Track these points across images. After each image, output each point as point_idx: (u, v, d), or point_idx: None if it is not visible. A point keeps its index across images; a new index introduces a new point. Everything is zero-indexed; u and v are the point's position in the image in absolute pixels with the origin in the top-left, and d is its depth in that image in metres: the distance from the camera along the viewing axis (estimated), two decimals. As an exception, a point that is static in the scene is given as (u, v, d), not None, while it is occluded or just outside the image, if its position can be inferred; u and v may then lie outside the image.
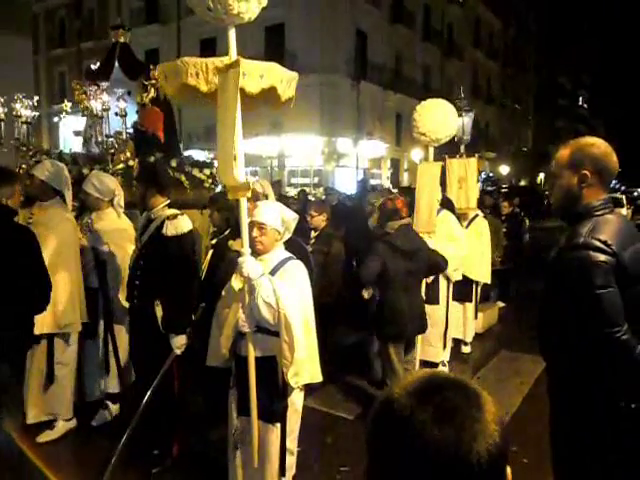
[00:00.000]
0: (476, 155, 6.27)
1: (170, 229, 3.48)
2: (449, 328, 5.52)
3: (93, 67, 7.85)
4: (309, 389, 4.83)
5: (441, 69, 32.08)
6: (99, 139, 6.82)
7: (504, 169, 37.36)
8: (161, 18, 26.96)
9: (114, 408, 4.30)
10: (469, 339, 6.28)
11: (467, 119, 7.79)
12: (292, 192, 19.88)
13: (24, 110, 6.96)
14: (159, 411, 3.52)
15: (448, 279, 5.44)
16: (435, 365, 5.46)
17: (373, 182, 24.10)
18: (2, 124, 7.06)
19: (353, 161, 23.43)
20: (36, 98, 6.86)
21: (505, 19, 40.04)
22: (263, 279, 2.67)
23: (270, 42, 23.01)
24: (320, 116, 22.78)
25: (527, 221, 9.34)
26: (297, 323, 2.71)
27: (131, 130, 6.48)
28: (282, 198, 10.35)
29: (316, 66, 22.01)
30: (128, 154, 5.76)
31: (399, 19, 26.75)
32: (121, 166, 5.92)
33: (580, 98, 64.40)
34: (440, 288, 5.39)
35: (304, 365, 2.82)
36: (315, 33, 22.14)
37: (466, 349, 6.25)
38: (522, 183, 39.74)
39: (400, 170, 29.28)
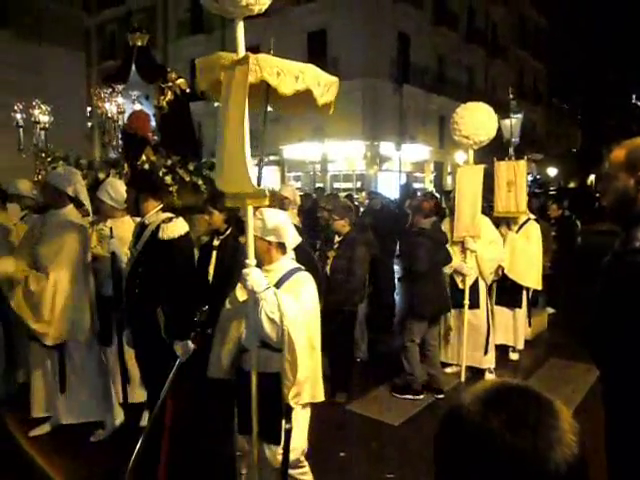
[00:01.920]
0: (525, 157, 6.12)
1: (166, 233, 3.36)
2: (491, 334, 5.43)
3: (110, 71, 7.85)
4: (351, 394, 4.85)
5: (485, 70, 31.51)
6: (114, 143, 6.75)
7: (552, 171, 36.30)
8: (205, 28, 27.58)
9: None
10: (519, 346, 6.12)
11: (516, 121, 7.64)
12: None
13: (42, 116, 7.08)
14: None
15: (485, 282, 5.46)
16: (481, 372, 5.37)
17: (416, 186, 23.92)
18: (21, 131, 7.24)
19: (396, 165, 23.28)
20: (89, 109, 7.04)
21: (550, 17, 38.97)
22: (268, 292, 2.53)
23: (312, 48, 23.17)
24: (363, 120, 22.76)
25: (578, 224, 9.04)
26: (301, 341, 2.58)
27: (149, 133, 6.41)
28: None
29: (358, 71, 22.03)
30: (144, 158, 5.65)
31: (442, 21, 26.46)
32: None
33: (633, 96, 61.93)
34: (480, 291, 5.37)
35: (306, 385, 2.72)
36: (357, 38, 22.15)
37: (514, 356, 6.09)
38: (571, 185, 38.51)
39: (443, 173, 28.90)
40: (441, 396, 4.92)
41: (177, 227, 3.40)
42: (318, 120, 22.28)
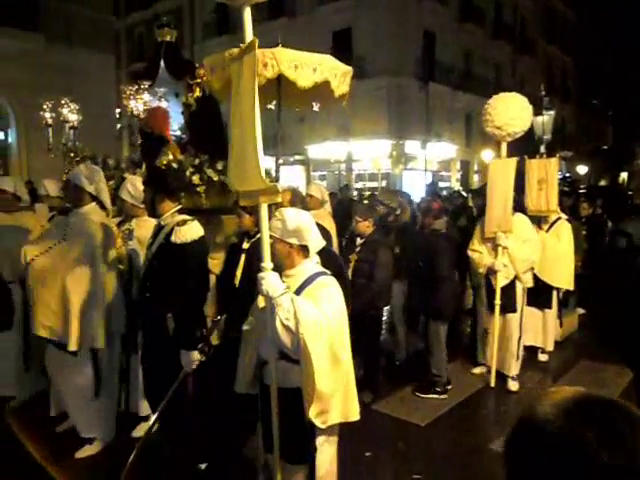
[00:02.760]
0: (557, 155, 6.02)
1: (179, 236, 3.23)
2: (521, 338, 5.28)
3: (137, 68, 7.72)
4: (376, 395, 4.82)
5: (513, 66, 31.01)
6: (138, 142, 6.54)
7: (582, 169, 35.51)
8: (231, 29, 27.80)
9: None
10: (549, 348, 6.02)
11: (548, 117, 7.50)
12: (364, 200, 19.90)
13: (71, 115, 7.04)
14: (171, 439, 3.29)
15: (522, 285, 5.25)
16: (504, 377, 5.23)
17: (442, 184, 23.68)
18: (50, 130, 7.26)
19: (421, 164, 23.09)
20: (118, 110, 7.07)
21: (578, 9, 38.07)
22: (284, 298, 2.33)
23: (337, 47, 23.08)
24: (388, 119, 22.64)
25: (609, 223, 8.82)
26: (321, 351, 2.33)
27: (177, 132, 6.27)
28: (352, 202, 10.34)
29: (383, 69, 21.93)
30: (170, 156, 5.55)
31: (468, 17, 26.12)
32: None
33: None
34: (517, 294, 5.17)
35: (332, 401, 2.44)
36: (382, 36, 22.03)
37: (543, 357, 5.98)
38: (602, 183, 37.62)
39: (470, 172, 28.55)
40: (444, 396, 4.90)
41: (191, 231, 3.27)
42: (343, 119, 22.25)
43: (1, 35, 16.10)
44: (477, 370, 5.50)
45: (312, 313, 2.33)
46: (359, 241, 4.92)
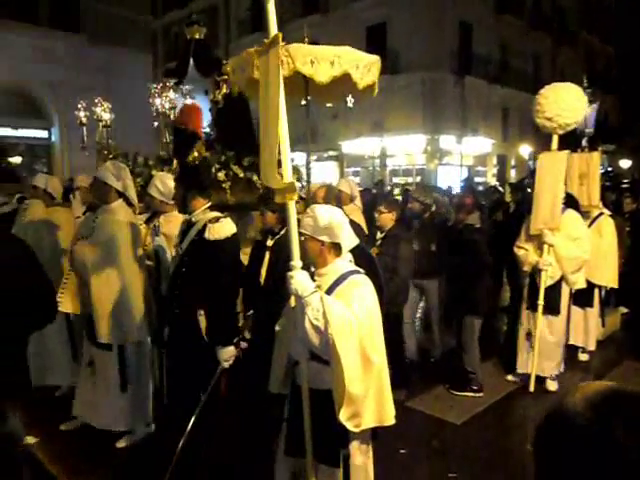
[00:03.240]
0: (599, 149, 5.83)
1: (213, 233, 3.21)
2: (565, 343, 5.10)
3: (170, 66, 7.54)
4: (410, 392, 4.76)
5: (552, 58, 30.19)
6: (163, 139, 6.64)
7: (625, 163, 34.33)
8: (265, 26, 27.95)
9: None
10: (591, 347, 5.85)
11: (590, 110, 7.28)
12: (395, 192, 19.72)
13: (104, 113, 7.14)
14: (201, 434, 3.18)
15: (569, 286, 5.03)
16: (543, 379, 5.02)
17: (478, 179, 23.29)
18: (85, 129, 7.41)
19: (457, 159, 22.75)
20: (154, 108, 7.17)
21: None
22: (313, 297, 2.28)
23: (371, 42, 22.92)
24: (422, 114, 22.37)
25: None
26: (349, 353, 2.26)
27: (207, 129, 6.26)
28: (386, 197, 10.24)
29: (418, 63, 21.66)
30: (196, 154, 5.55)
31: (506, 8, 25.53)
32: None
33: None
34: (562, 296, 4.97)
35: (364, 404, 2.36)
36: (417, 30, 21.76)
37: (584, 357, 5.83)
38: (646, 177, 36.27)
39: (507, 167, 27.97)
40: (480, 394, 4.79)
41: (224, 228, 3.25)
42: (377, 115, 22.11)
43: (47, 37, 16.62)
44: (511, 377, 5.22)
45: (342, 313, 2.27)
46: (379, 235, 4.80)
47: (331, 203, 4.27)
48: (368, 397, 2.37)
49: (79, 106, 7.45)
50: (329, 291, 2.42)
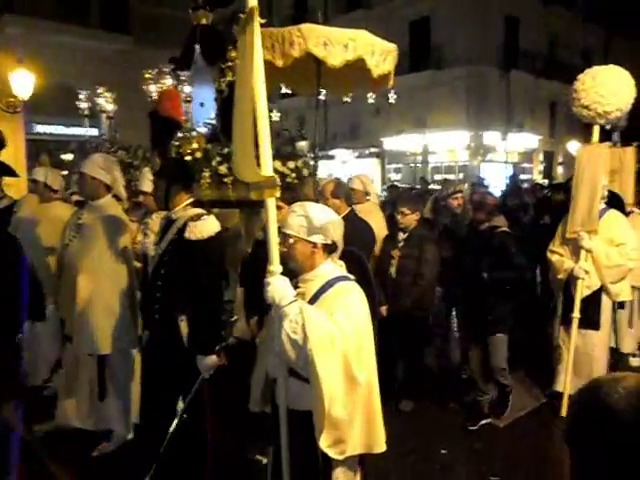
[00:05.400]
0: (634, 144, 5.39)
1: (194, 232, 2.95)
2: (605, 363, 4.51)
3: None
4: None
5: (604, 51, 29.06)
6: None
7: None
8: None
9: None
10: (626, 350, 5.38)
11: None
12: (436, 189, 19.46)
13: (107, 104, 6.85)
14: (187, 449, 3.01)
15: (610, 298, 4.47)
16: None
17: (523, 177, 22.71)
18: (87, 120, 7.16)
19: (501, 155, 22.25)
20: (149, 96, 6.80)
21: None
22: (292, 307, 2.02)
23: (415, 37, 22.69)
24: (466, 109, 21.96)
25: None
26: (331, 372, 1.99)
27: (209, 120, 5.89)
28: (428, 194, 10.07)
29: (463, 58, 21.27)
30: (195, 145, 5.23)
31: (554, 0, 24.76)
32: (188, 159, 5.25)
33: None
34: (603, 309, 4.42)
35: (349, 430, 2.08)
36: (461, 24, 21.35)
37: (636, 361, 5.43)
38: None
39: (554, 164, 27.15)
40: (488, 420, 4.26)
41: (207, 226, 2.99)
42: (420, 111, 21.84)
43: (96, 38, 17.17)
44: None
45: (324, 326, 2.01)
46: (402, 236, 4.47)
47: (340, 199, 4.16)
48: (354, 422, 2.10)
49: (80, 97, 7.11)
50: (313, 299, 2.16)
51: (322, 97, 5.98)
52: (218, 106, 5.77)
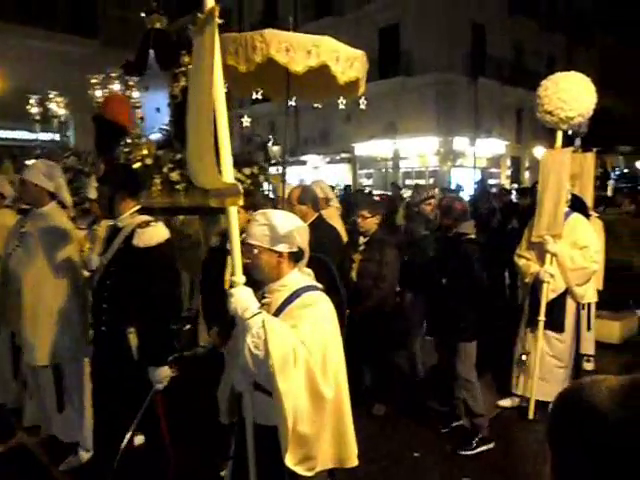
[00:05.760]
0: (593, 150, 5.52)
1: (143, 239, 2.86)
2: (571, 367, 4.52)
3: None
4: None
5: (567, 59, 29.92)
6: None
7: (642, 164, 33.92)
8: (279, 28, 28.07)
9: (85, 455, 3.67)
10: (591, 351, 5.46)
11: None
12: (407, 194, 19.64)
13: (59, 109, 6.55)
14: (147, 466, 2.92)
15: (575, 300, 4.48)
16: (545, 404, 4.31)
17: (492, 182, 23.14)
18: (38, 126, 6.88)
19: (470, 160, 22.64)
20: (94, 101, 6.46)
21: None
22: (255, 320, 1.92)
23: (384, 44, 22.97)
24: (436, 116, 22.30)
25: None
26: (295, 388, 1.91)
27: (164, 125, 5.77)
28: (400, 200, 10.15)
29: (431, 65, 21.61)
30: (145, 152, 5.11)
31: (519, 9, 25.37)
32: (138, 165, 5.16)
33: None
34: (567, 312, 4.44)
35: (317, 446, 2.01)
36: (430, 31, 21.71)
37: (589, 365, 5.45)
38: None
39: (521, 169, 27.77)
40: (491, 445, 3.99)
41: (155, 233, 2.91)
42: (390, 116, 22.08)
43: (63, 41, 16.86)
44: (506, 402, 4.66)
45: (287, 341, 1.92)
46: (362, 240, 4.45)
47: (307, 205, 4.13)
48: (322, 437, 2.02)
49: (31, 101, 6.85)
50: (279, 310, 2.09)
51: (293, 103, 6.00)
52: (171, 112, 5.70)
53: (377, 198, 10.74)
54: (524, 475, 3.64)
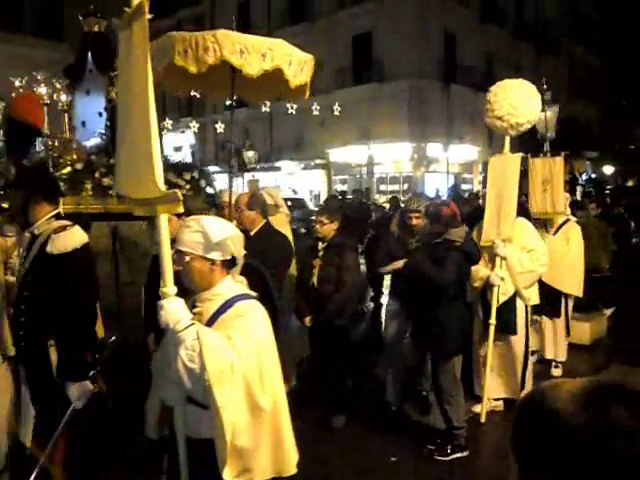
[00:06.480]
0: (562, 154, 5.48)
1: (57, 245, 2.67)
2: (528, 367, 4.57)
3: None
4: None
5: (536, 67, 30.62)
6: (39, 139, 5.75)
7: (608, 169, 34.87)
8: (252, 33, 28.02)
9: None
10: (561, 358, 5.52)
11: (551, 113, 7.10)
12: (382, 199, 19.76)
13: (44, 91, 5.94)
14: None
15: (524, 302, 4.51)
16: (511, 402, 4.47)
17: (465, 187, 23.48)
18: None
19: (443, 166, 22.93)
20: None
21: (603, 6, 37.42)
22: (188, 333, 1.84)
23: (357, 51, 23.15)
24: (409, 122, 22.56)
25: (632, 224, 8.64)
26: (232, 401, 1.86)
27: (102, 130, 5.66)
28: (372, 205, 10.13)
29: (404, 72, 21.88)
30: (75, 156, 4.95)
31: (489, 18, 25.91)
32: (67, 170, 4.98)
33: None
34: (518, 314, 4.44)
35: (256, 457, 1.97)
36: (403, 39, 21.99)
37: (556, 372, 5.48)
38: (630, 184, 36.82)
39: (493, 174, 28.24)
40: (466, 453, 3.92)
41: (71, 238, 2.72)
42: (364, 122, 22.22)
43: (29, 45, 16.54)
44: (477, 408, 4.50)
45: (222, 352, 1.85)
46: (321, 245, 4.39)
47: (255, 211, 4.03)
48: (260, 449, 1.98)
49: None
50: (211, 320, 2.01)
51: (267, 109, 5.94)
52: (108, 116, 5.55)
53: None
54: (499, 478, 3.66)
